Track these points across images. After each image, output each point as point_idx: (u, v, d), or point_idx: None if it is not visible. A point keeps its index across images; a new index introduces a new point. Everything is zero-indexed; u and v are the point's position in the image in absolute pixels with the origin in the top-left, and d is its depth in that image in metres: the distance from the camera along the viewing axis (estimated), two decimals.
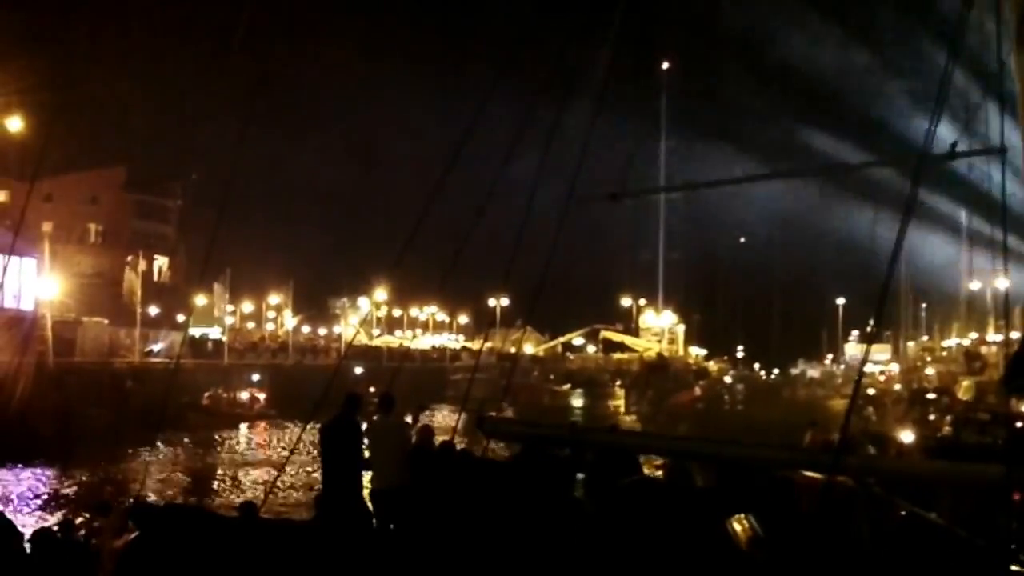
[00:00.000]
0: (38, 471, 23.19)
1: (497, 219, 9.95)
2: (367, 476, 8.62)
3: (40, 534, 6.85)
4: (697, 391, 68.85)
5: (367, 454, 8.51)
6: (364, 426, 8.73)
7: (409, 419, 9.03)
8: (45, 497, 20.71)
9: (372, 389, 9.05)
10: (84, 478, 23.23)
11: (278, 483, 17.56)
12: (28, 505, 19.40)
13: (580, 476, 7.66)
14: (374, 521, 8.08)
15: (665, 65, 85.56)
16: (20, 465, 23.38)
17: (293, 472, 20.14)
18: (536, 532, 6.19)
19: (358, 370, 40.85)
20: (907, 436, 17.26)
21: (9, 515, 7.14)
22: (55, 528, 7.54)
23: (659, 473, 8.46)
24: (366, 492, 8.56)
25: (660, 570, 5.66)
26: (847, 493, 7.10)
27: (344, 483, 8.22)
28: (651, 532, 6.40)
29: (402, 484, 8.13)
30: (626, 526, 6.39)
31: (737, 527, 6.78)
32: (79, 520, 10.62)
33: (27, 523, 13.44)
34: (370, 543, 5.77)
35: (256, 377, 44.52)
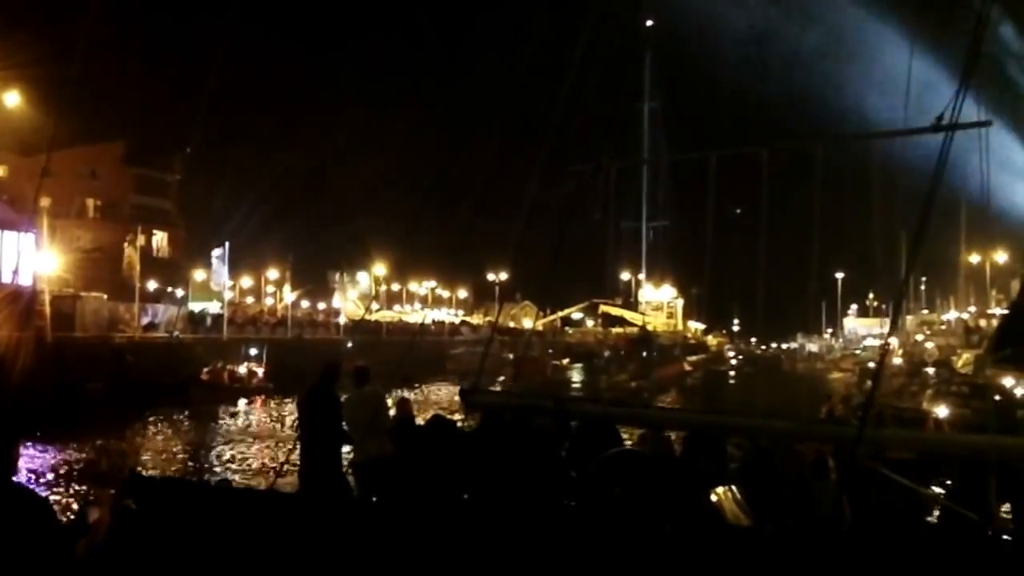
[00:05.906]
0: (37, 445, 23.30)
1: (497, 193, 9.90)
2: (347, 449, 8.64)
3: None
4: (686, 366, 68.18)
5: (346, 427, 8.53)
6: (343, 399, 8.74)
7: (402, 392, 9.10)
8: (44, 471, 20.84)
9: (360, 363, 9.02)
10: (83, 452, 23.35)
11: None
12: (27, 479, 19.52)
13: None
14: (354, 493, 8.13)
15: (649, 23, 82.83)
16: (20, 440, 23.48)
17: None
18: (520, 503, 6.23)
19: (349, 344, 40.89)
20: (942, 411, 17.04)
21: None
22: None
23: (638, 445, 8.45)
24: (347, 465, 8.58)
25: (645, 542, 5.70)
26: (829, 464, 7.15)
27: (322, 454, 8.25)
28: (634, 504, 6.44)
29: (381, 455, 8.18)
30: (609, 498, 6.44)
31: (721, 498, 6.83)
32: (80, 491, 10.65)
33: None
34: (350, 515, 5.82)
35: (254, 351, 44.57)
